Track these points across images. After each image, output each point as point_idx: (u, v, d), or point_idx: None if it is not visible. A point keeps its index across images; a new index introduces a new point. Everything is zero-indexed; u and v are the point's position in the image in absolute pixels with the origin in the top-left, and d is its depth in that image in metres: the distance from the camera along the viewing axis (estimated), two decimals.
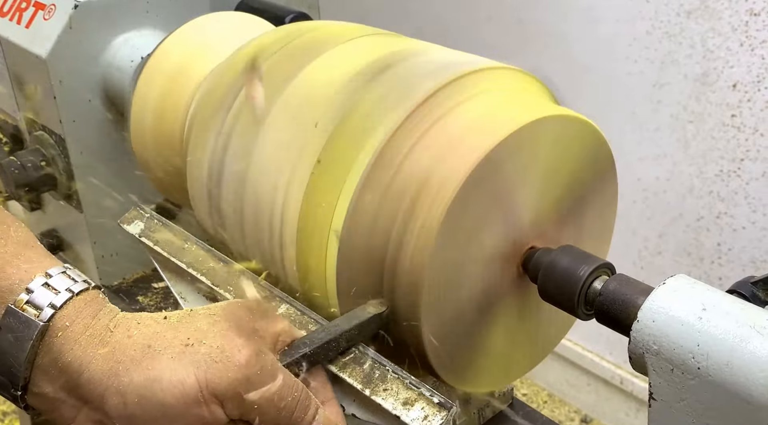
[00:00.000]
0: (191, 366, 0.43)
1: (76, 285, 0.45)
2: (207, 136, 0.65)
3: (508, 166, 0.53)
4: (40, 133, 0.87)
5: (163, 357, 0.43)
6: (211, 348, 0.44)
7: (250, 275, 0.59)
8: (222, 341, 0.44)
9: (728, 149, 1.23)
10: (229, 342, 0.44)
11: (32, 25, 0.83)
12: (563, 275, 0.53)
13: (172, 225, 0.66)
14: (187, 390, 0.43)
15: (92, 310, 0.45)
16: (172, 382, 0.43)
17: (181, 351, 0.44)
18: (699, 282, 0.47)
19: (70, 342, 0.43)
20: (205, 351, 0.44)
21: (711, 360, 0.43)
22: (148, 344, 0.44)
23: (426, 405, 0.48)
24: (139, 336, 0.44)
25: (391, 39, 0.65)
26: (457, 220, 0.51)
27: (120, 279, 0.93)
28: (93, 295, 0.46)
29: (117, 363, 0.43)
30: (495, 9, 1.44)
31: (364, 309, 0.53)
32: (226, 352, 0.44)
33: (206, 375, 0.43)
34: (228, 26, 0.79)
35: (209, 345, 0.44)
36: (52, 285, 0.44)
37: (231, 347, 0.44)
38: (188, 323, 0.46)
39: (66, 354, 0.43)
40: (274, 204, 0.59)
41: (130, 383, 0.43)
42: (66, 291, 0.44)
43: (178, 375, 0.43)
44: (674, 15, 1.22)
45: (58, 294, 0.44)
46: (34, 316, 0.43)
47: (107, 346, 0.44)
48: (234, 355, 0.44)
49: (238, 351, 0.44)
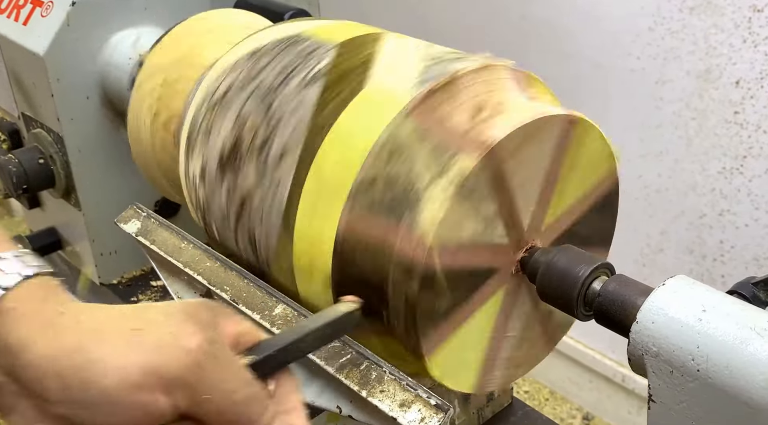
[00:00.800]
0: (138, 349, 0.41)
1: (27, 269, 0.44)
2: (203, 135, 0.65)
3: (508, 166, 0.52)
4: (39, 131, 0.87)
5: (107, 342, 0.41)
6: (162, 334, 0.42)
7: (247, 275, 0.59)
8: (174, 329, 0.42)
9: (731, 146, 1.22)
10: (181, 329, 0.42)
11: (30, 22, 0.83)
12: (562, 275, 0.52)
13: (169, 224, 0.65)
14: (129, 373, 0.40)
15: (42, 294, 0.43)
16: (114, 365, 0.40)
17: (129, 337, 0.42)
18: (699, 282, 0.47)
19: (15, 324, 0.42)
20: (155, 337, 0.42)
21: (711, 362, 0.43)
22: (94, 328, 0.42)
23: (423, 407, 0.47)
24: (87, 322, 0.42)
25: (376, 37, 0.64)
26: (455, 221, 0.51)
27: (119, 277, 0.93)
28: (45, 280, 0.44)
29: (60, 347, 0.41)
30: (497, 5, 1.43)
31: (334, 308, 0.50)
32: (177, 337, 0.42)
33: (152, 359, 0.41)
34: (226, 24, 0.78)
35: (161, 331, 0.42)
36: (1, 268, 0.43)
37: (182, 332, 0.42)
38: (141, 314, 0.44)
39: (10, 335, 0.42)
40: (271, 203, 0.58)
41: (70, 365, 0.41)
42: (16, 274, 0.43)
43: (121, 360, 0.40)
44: (677, 11, 1.21)
45: (7, 276, 0.43)
46: None
47: (52, 329, 0.42)
48: (184, 340, 0.41)
49: (190, 336, 0.42)
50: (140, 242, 0.65)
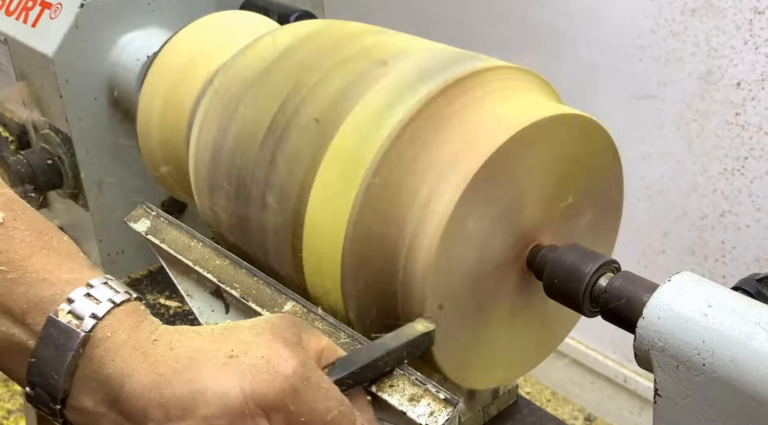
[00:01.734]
0: (236, 377, 0.42)
1: (117, 295, 0.44)
2: (211, 135, 0.65)
3: (514, 165, 0.53)
4: (47, 132, 0.87)
5: (206, 369, 0.42)
6: (256, 358, 0.42)
7: (256, 272, 0.60)
8: (267, 351, 0.43)
9: (732, 147, 1.23)
10: (274, 353, 0.43)
11: (38, 24, 0.84)
12: (569, 272, 0.53)
13: (179, 223, 0.66)
14: (231, 401, 0.41)
15: (134, 321, 0.44)
16: (216, 393, 0.41)
17: (225, 362, 0.42)
18: (704, 279, 0.47)
19: (111, 354, 0.42)
20: (250, 362, 0.42)
21: (716, 357, 0.43)
22: (190, 356, 0.42)
23: (432, 401, 0.48)
24: (182, 349, 0.43)
25: (392, 38, 0.64)
26: (463, 219, 0.52)
27: (126, 277, 0.94)
28: (134, 306, 0.45)
29: (159, 375, 0.42)
30: (500, 8, 1.44)
31: (411, 327, 0.51)
32: (272, 362, 0.42)
33: (252, 386, 0.41)
34: (233, 25, 0.79)
35: (254, 355, 0.43)
36: (93, 296, 0.43)
37: (277, 357, 0.43)
38: (231, 335, 0.44)
39: (107, 365, 0.42)
40: (278, 201, 0.59)
41: (173, 396, 0.41)
42: (107, 301, 0.43)
43: (222, 387, 0.41)
44: (678, 13, 1.22)
45: (99, 304, 0.43)
46: (75, 326, 0.42)
47: (149, 358, 0.42)
48: (280, 365, 0.42)
49: (285, 362, 0.42)
50: (150, 241, 0.66)
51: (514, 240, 0.56)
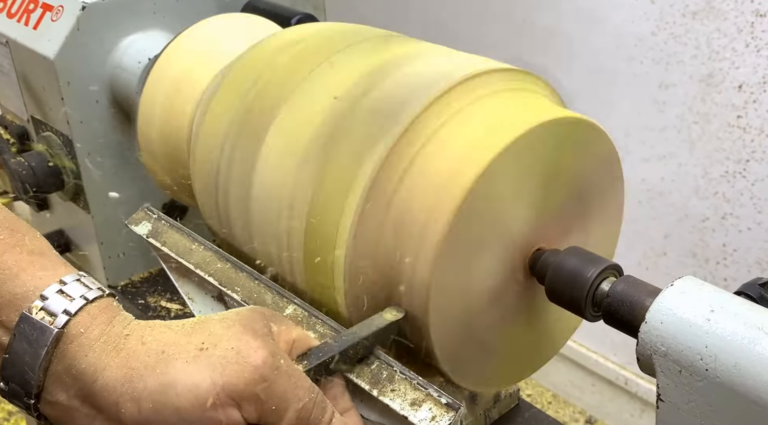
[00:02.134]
0: (206, 369, 0.43)
1: (90, 292, 0.45)
2: (213, 138, 0.65)
3: (514, 171, 0.53)
4: (48, 134, 0.87)
5: (177, 362, 0.43)
6: (226, 350, 0.44)
7: (258, 276, 0.60)
8: (237, 343, 0.44)
9: (734, 150, 1.23)
10: (244, 344, 0.44)
11: (40, 26, 0.83)
12: (571, 276, 0.53)
13: (180, 226, 0.66)
14: (202, 393, 0.42)
15: (106, 317, 0.45)
16: (186, 386, 0.42)
17: (196, 355, 0.43)
18: (707, 283, 0.47)
19: (84, 349, 0.43)
20: (220, 353, 0.43)
21: (719, 362, 0.43)
22: (161, 350, 0.44)
23: (434, 405, 0.48)
24: (153, 343, 0.44)
25: (387, 44, 0.64)
26: (464, 224, 0.51)
27: (126, 280, 0.94)
28: (107, 303, 0.46)
29: (131, 369, 0.43)
30: (500, 9, 1.44)
31: (381, 315, 0.53)
32: (242, 353, 0.44)
33: (222, 378, 0.43)
34: (234, 28, 0.79)
35: (224, 347, 0.44)
36: (66, 292, 0.44)
37: (246, 348, 0.44)
38: (202, 328, 0.45)
39: (80, 361, 0.43)
40: (281, 205, 0.59)
41: (144, 389, 0.42)
42: (80, 298, 0.44)
43: (192, 379, 0.42)
44: (680, 16, 1.22)
45: (72, 301, 0.44)
46: (49, 323, 0.43)
47: (121, 353, 0.43)
48: (250, 356, 0.44)
49: (254, 352, 0.44)
50: (151, 244, 0.66)
51: (516, 245, 0.56)
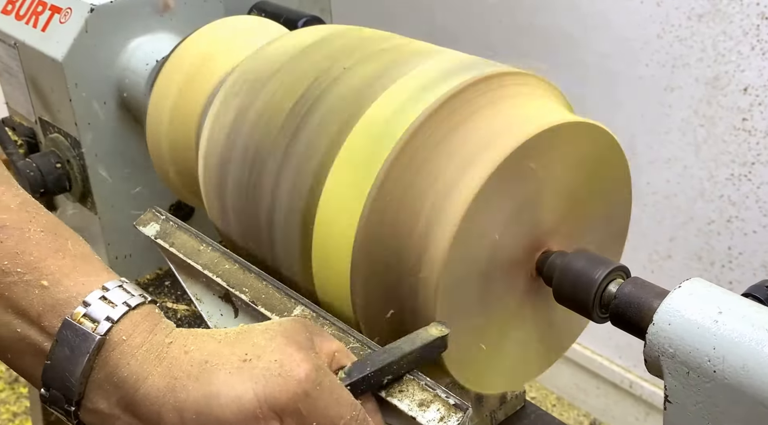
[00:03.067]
0: (249, 381, 0.42)
1: (132, 298, 0.44)
2: (221, 140, 0.66)
3: (523, 173, 0.53)
4: (56, 136, 0.88)
5: (220, 373, 0.42)
6: (270, 362, 0.43)
7: (265, 276, 0.60)
8: (280, 356, 0.43)
9: (739, 153, 1.23)
10: (287, 357, 0.43)
11: (48, 28, 0.84)
12: (578, 278, 0.53)
13: (188, 226, 0.66)
14: (245, 405, 0.42)
15: (149, 325, 0.44)
16: (230, 397, 0.42)
17: (239, 366, 0.43)
18: (714, 285, 0.47)
19: (127, 357, 0.43)
20: (264, 365, 0.43)
21: (727, 364, 0.43)
22: (205, 360, 0.43)
23: (442, 406, 0.48)
24: (196, 352, 0.43)
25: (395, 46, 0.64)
26: (472, 227, 0.52)
27: (133, 281, 0.94)
28: (149, 310, 0.45)
29: (174, 379, 0.42)
30: (506, 13, 1.44)
31: (426, 330, 0.51)
32: (285, 366, 0.43)
33: (265, 390, 0.42)
34: (242, 30, 0.79)
35: (267, 359, 0.43)
36: (109, 299, 0.44)
37: (290, 361, 0.43)
38: (245, 339, 0.45)
39: (122, 368, 0.42)
40: (289, 206, 0.59)
41: (187, 399, 0.42)
42: (123, 304, 0.44)
43: (236, 391, 0.42)
44: (685, 19, 1.22)
45: (115, 308, 0.43)
46: (91, 330, 0.42)
47: (164, 362, 0.43)
48: (293, 369, 0.43)
49: (297, 366, 0.43)
50: (159, 245, 0.66)
51: (525, 246, 0.56)
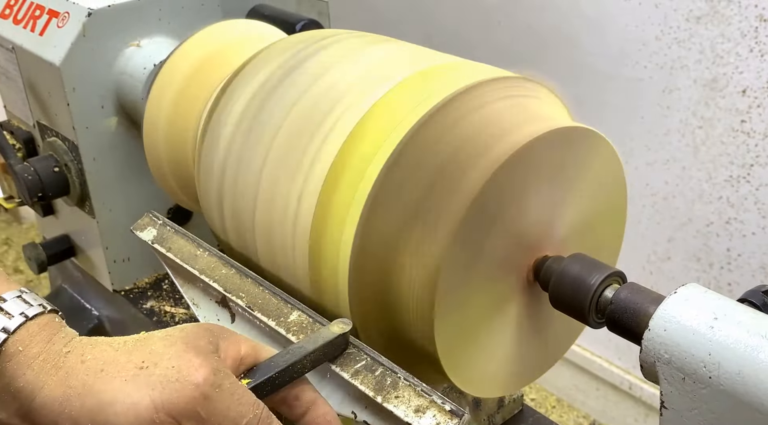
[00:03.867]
0: (146, 387, 0.42)
1: (30, 308, 0.44)
2: (218, 145, 0.66)
3: (519, 179, 0.53)
4: (54, 140, 0.88)
5: (115, 381, 0.42)
6: (167, 369, 0.43)
7: (262, 281, 0.60)
8: (178, 361, 0.44)
9: (738, 155, 1.23)
10: (185, 362, 0.44)
11: (46, 32, 0.84)
12: (574, 283, 0.53)
13: (185, 232, 0.66)
14: (141, 412, 0.42)
15: (47, 335, 0.44)
16: (125, 405, 0.42)
17: (135, 374, 0.43)
18: (710, 291, 0.47)
19: (23, 367, 0.43)
20: (160, 372, 0.43)
21: (722, 370, 0.43)
22: (101, 368, 0.43)
23: (438, 412, 0.48)
24: (93, 361, 0.44)
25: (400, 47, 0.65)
26: (468, 232, 0.52)
27: (132, 284, 0.94)
28: (48, 319, 0.45)
29: (69, 388, 0.42)
30: (505, 15, 1.44)
31: (328, 328, 0.53)
32: (182, 372, 0.43)
33: (162, 396, 0.42)
34: (240, 34, 0.79)
35: (165, 366, 0.43)
36: (5, 310, 0.44)
37: (187, 366, 0.43)
38: (143, 346, 0.45)
39: (18, 379, 0.42)
40: (286, 213, 0.59)
41: (83, 408, 0.42)
42: (20, 315, 0.44)
43: (131, 398, 0.42)
44: (683, 21, 1.22)
45: (11, 319, 0.43)
46: None
47: (60, 371, 0.43)
48: (191, 374, 0.43)
49: (195, 370, 0.43)
50: (156, 250, 0.66)
51: (520, 252, 0.56)
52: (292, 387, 0.49)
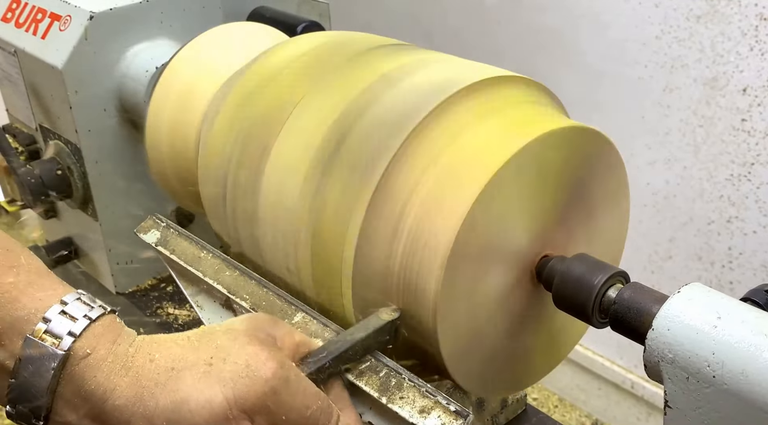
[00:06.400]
0: (217, 384, 0.43)
1: (92, 311, 0.45)
2: (220, 148, 0.66)
3: (520, 180, 0.53)
4: (56, 143, 0.88)
5: (187, 379, 0.43)
6: (236, 364, 0.44)
7: (266, 283, 0.60)
8: (246, 356, 0.44)
9: (738, 153, 1.23)
10: (252, 357, 0.44)
11: (48, 36, 0.84)
12: (578, 284, 0.53)
13: (188, 233, 0.66)
14: (215, 408, 0.42)
15: (111, 336, 0.44)
16: (199, 402, 0.42)
17: (206, 370, 0.43)
18: (714, 290, 0.47)
19: (92, 370, 0.43)
20: (230, 368, 0.44)
21: (726, 369, 0.43)
22: (171, 366, 0.43)
23: (442, 413, 0.48)
24: (161, 360, 0.44)
25: (388, 55, 0.64)
26: (471, 233, 0.52)
27: (135, 287, 0.94)
28: (110, 320, 0.45)
29: (141, 388, 0.43)
30: (505, 14, 1.44)
31: (377, 316, 0.53)
32: (251, 367, 0.44)
33: (234, 392, 0.43)
34: (242, 36, 0.79)
35: (233, 361, 0.44)
36: (69, 313, 0.44)
37: (255, 361, 0.44)
38: (208, 341, 0.45)
39: (88, 382, 0.43)
40: (289, 218, 0.59)
41: (157, 407, 0.42)
42: (84, 318, 0.44)
43: (205, 395, 0.42)
44: (684, 20, 1.22)
45: (76, 322, 0.43)
46: (54, 346, 0.42)
47: (130, 372, 0.43)
48: (259, 369, 0.44)
49: (263, 365, 0.44)
50: (160, 252, 0.66)
51: (523, 252, 0.56)
52: (333, 385, 0.50)
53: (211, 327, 0.47)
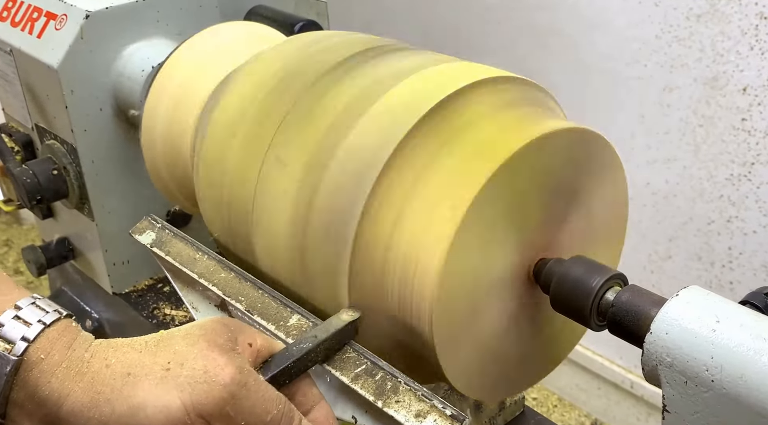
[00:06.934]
0: (175, 389, 0.42)
1: (47, 315, 0.44)
2: (216, 148, 0.65)
3: (517, 180, 0.53)
4: (52, 142, 0.88)
5: (144, 384, 0.42)
6: (194, 369, 0.43)
7: (261, 285, 0.60)
8: (203, 361, 0.44)
9: (739, 153, 1.22)
10: (211, 362, 0.44)
11: (44, 35, 0.84)
12: (575, 286, 0.53)
13: (184, 235, 0.66)
14: (173, 414, 0.42)
15: (66, 341, 0.44)
16: (156, 408, 0.42)
17: (163, 375, 0.43)
18: (712, 293, 0.47)
19: (47, 376, 0.42)
20: (188, 373, 0.43)
21: (725, 373, 0.43)
22: (127, 372, 0.43)
23: (438, 417, 0.48)
24: (118, 365, 0.43)
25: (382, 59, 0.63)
26: (467, 236, 0.51)
27: (131, 287, 0.94)
28: (65, 325, 0.45)
29: (97, 393, 0.42)
30: (504, 13, 1.44)
31: (338, 317, 0.53)
32: (209, 372, 0.43)
33: (191, 398, 0.42)
34: (238, 35, 0.79)
35: (191, 366, 0.43)
36: (22, 318, 0.43)
37: (213, 366, 0.44)
38: (166, 346, 0.45)
39: (43, 387, 0.42)
40: (284, 217, 0.59)
41: (113, 413, 0.42)
42: (38, 322, 0.43)
43: (162, 401, 0.42)
44: (684, 19, 1.21)
45: (30, 327, 0.43)
46: (6, 351, 0.42)
47: (85, 377, 0.43)
48: (218, 374, 0.43)
49: (222, 370, 0.43)
50: (155, 253, 0.66)
51: (520, 255, 0.56)
52: (300, 383, 0.50)
53: (170, 332, 0.46)
